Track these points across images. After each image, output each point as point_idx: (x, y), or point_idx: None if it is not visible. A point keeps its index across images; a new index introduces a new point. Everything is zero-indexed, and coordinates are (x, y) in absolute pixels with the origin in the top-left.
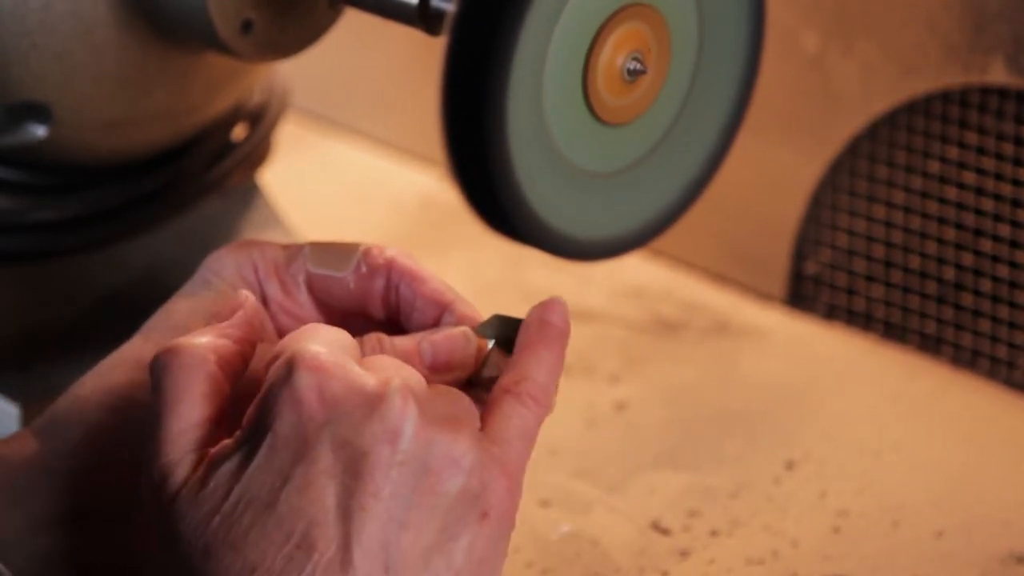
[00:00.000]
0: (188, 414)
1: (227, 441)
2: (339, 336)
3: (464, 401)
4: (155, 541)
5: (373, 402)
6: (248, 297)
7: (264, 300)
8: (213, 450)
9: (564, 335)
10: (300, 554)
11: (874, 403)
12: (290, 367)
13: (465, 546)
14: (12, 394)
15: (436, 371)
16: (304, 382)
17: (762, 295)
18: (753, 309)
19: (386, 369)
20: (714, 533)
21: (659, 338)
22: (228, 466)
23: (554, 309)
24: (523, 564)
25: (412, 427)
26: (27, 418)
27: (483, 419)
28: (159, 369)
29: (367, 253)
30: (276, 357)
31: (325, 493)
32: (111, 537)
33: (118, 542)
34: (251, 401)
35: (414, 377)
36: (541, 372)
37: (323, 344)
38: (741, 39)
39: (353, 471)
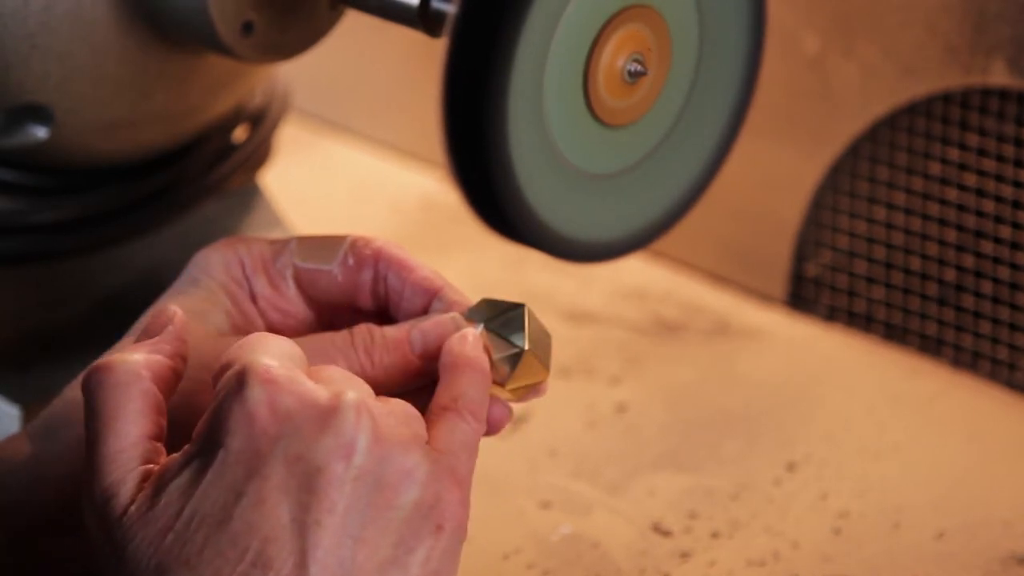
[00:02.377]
0: (127, 431)
1: (174, 456)
2: (289, 347)
3: (412, 412)
4: (104, 564)
5: (326, 416)
6: (176, 312)
7: (252, 296)
8: (159, 466)
9: (485, 361)
10: (256, 572)
11: (875, 405)
12: (241, 380)
13: (421, 559)
14: (12, 395)
15: (426, 358)
16: (256, 396)
17: (762, 297)
18: (753, 311)
19: (337, 382)
20: (715, 535)
21: (659, 339)
22: (179, 482)
23: (469, 336)
24: (524, 565)
25: (366, 441)
26: (27, 419)
27: (427, 435)
28: (92, 388)
29: (354, 245)
30: (225, 368)
31: (280, 509)
32: None
33: None
34: (194, 411)
35: (364, 389)
36: (473, 390)
37: (274, 356)
38: (742, 40)
39: (307, 487)
